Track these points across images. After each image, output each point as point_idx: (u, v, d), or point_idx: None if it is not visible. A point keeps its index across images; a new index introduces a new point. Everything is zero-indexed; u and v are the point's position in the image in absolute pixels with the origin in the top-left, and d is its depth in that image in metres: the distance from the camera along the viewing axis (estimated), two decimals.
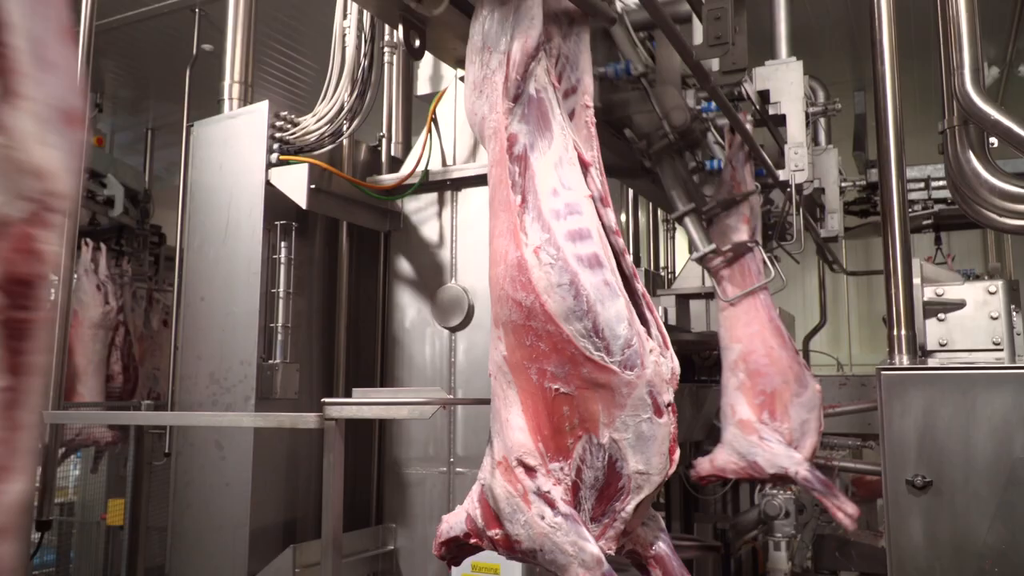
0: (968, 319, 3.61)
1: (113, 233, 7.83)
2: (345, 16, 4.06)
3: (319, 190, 3.80)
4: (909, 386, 2.63)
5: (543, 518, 1.82)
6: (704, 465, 3.85)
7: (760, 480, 3.79)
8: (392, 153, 4.47)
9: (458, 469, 3.88)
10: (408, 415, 2.98)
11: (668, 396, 1.89)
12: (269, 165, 3.76)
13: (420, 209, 4.17)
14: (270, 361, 3.75)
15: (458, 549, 2.07)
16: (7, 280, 0.93)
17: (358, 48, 3.99)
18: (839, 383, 5.69)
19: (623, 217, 8.47)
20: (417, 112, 4.58)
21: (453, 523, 2.04)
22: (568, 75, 2.18)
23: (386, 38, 4.39)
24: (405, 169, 4.04)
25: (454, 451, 3.90)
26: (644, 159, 3.71)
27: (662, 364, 1.89)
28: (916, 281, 3.37)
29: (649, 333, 1.93)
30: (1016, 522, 2.42)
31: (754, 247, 3.84)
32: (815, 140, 6.21)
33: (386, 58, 4.43)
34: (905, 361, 2.89)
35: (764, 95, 4.82)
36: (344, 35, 4.03)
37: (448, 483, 3.89)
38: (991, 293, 3.59)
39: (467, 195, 4.02)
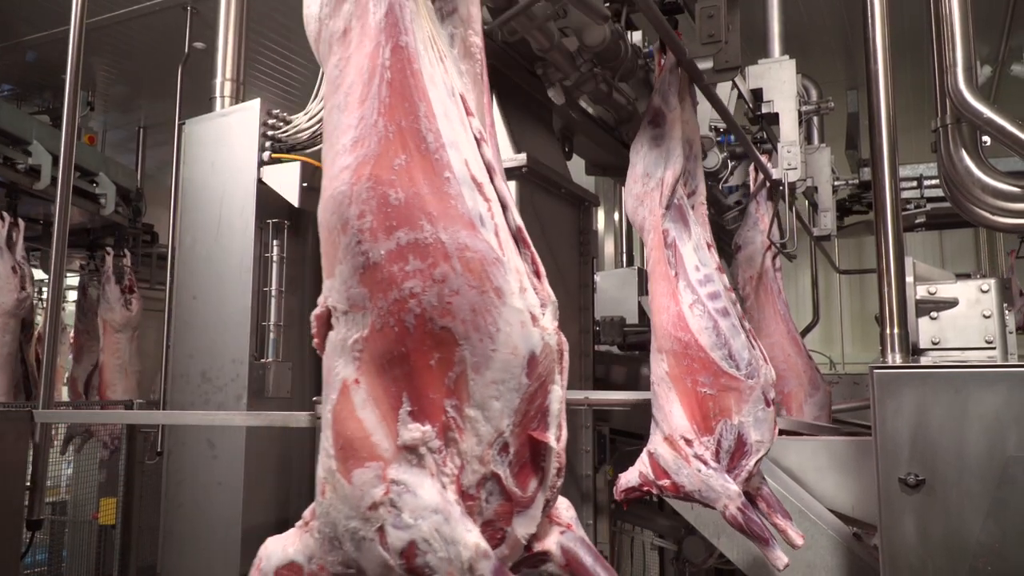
0: (961, 317, 3.61)
1: (108, 232, 7.83)
2: None
3: (311, 188, 3.79)
4: (902, 384, 2.63)
5: (700, 471, 2.76)
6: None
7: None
8: None
9: None
10: None
11: (772, 394, 2.84)
12: (261, 163, 3.75)
13: None
14: (262, 360, 3.74)
15: (633, 494, 3.00)
16: None
17: None
18: (832, 382, 5.69)
19: (616, 216, 8.48)
20: None
21: (629, 478, 2.95)
22: (690, 183, 3.07)
23: None
24: None
25: None
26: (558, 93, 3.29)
27: (768, 374, 2.85)
28: (909, 279, 3.37)
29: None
30: (1009, 520, 2.42)
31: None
32: (808, 139, 6.21)
33: None
34: (898, 359, 2.89)
35: (757, 93, 4.83)
36: None
37: None
38: (984, 291, 3.60)
39: None
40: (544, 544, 1.66)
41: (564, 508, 1.74)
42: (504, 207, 1.65)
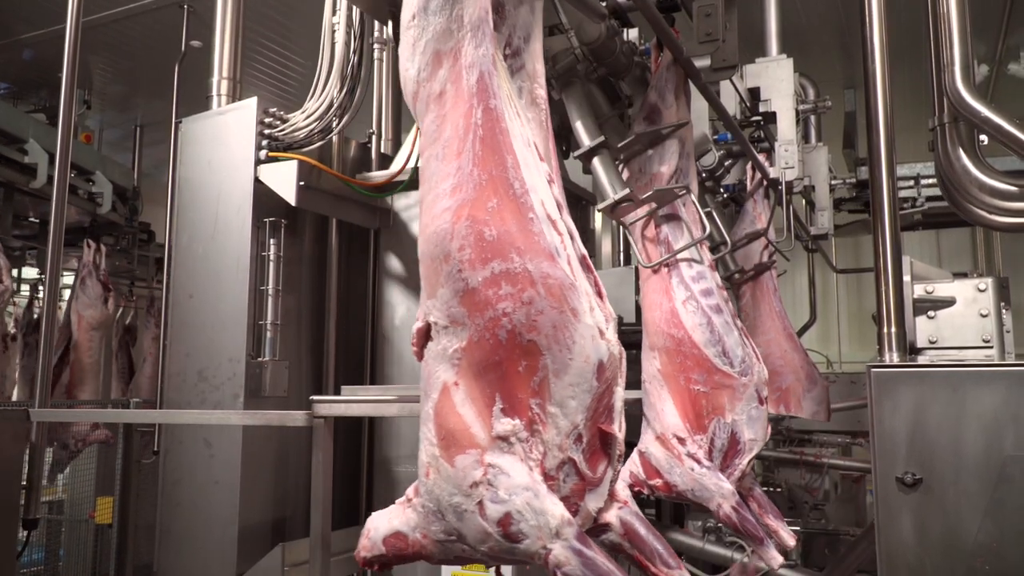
0: (958, 316, 3.61)
1: (104, 231, 7.81)
2: (334, 12, 4.04)
3: (308, 187, 3.78)
4: (899, 383, 2.62)
5: (693, 470, 2.75)
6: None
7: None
8: (382, 150, 4.46)
9: None
10: (398, 413, 2.97)
11: (765, 392, 2.87)
12: (258, 162, 3.74)
13: (410, 206, 4.16)
14: (259, 359, 3.73)
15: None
16: None
17: (347, 44, 3.97)
18: (829, 381, 5.69)
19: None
20: (407, 109, 4.55)
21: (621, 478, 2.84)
22: (682, 179, 3.04)
23: (375, 34, 4.37)
24: (395, 166, 4.03)
25: None
26: (551, 89, 2.98)
27: (760, 372, 2.87)
28: (906, 279, 3.36)
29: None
30: (1007, 519, 2.42)
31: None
32: (805, 138, 6.21)
33: (375, 54, 4.42)
34: (895, 358, 2.89)
35: (754, 92, 4.83)
36: (333, 31, 4.01)
37: None
38: (981, 290, 3.60)
39: None
40: (606, 517, 1.99)
41: (621, 488, 2.06)
42: (572, 237, 1.98)
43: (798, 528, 5.20)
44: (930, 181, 7.30)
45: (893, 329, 2.91)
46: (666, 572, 1.99)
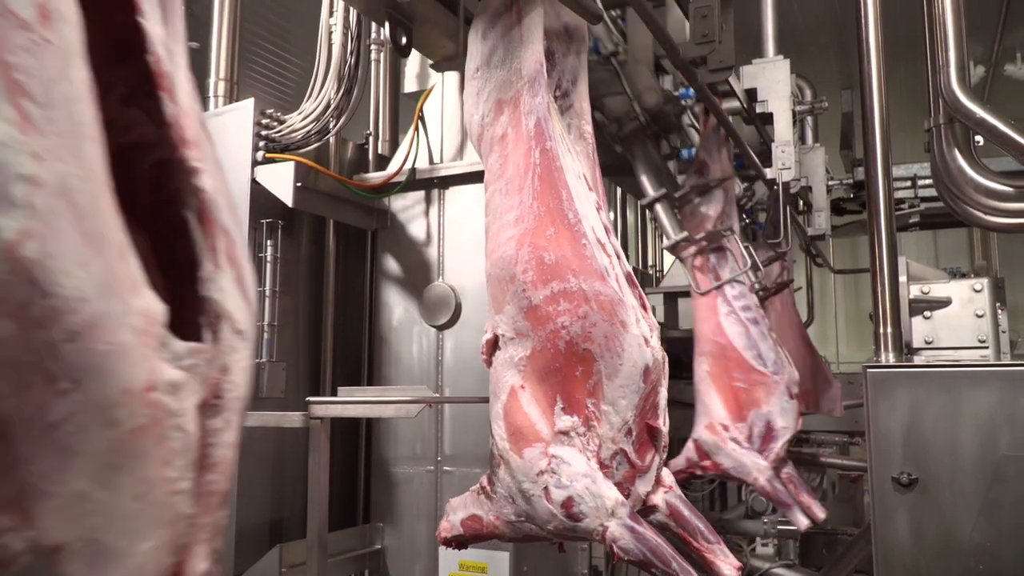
0: (954, 317, 3.62)
1: None
2: (331, 13, 4.04)
3: (305, 188, 3.78)
4: (895, 384, 2.63)
5: (735, 451, 3.45)
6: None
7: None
8: (379, 151, 4.46)
9: (445, 468, 3.87)
10: (394, 414, 2.97)
11: (795, 389, 3.53)
12: (255, 163, 3.74)
13: (407, 207, 4.16)
14: (256, 360, 3.73)
15: (682, 476, 3.52)
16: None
17: (344, 46, 3.97)
18: None
19: (612, 216, 8.47)
20: (404, 110, 4.57)
21: (677, 463, 3.58)
22: (726, 220, 3.83)
23: (373, 36, 4.37)
24: (392, 167, 4.03)
25: (441, 450, 3.89)
26: (615, 143, 3.68)
27: (791, 372, 3.53)
28: (902, 279, 3.38)
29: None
30: (1001, 519, 2.43)
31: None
32: (802, 138, 6.21)
33: (373, 56, 4.41)
34: (891, 359, 2.89)
35: (751, 93, 4.83)
36: (331, 32, 4.01)
37: (436, 481, 3.89)
38: (976, 291, 3.61)
39: (454, 193, 4.01)
40: (654, 499, 2.28)
41: (666, 475, 2.35)
42: (618, 257, 2.28)
43: (795, 528, 5.19)
44: (926, 182, 7.30)
45: (889, 329, 2.92)
46: (706, 546, 2.23)
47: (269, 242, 3.81)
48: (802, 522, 3.46)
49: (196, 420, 0.82)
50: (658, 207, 3.65)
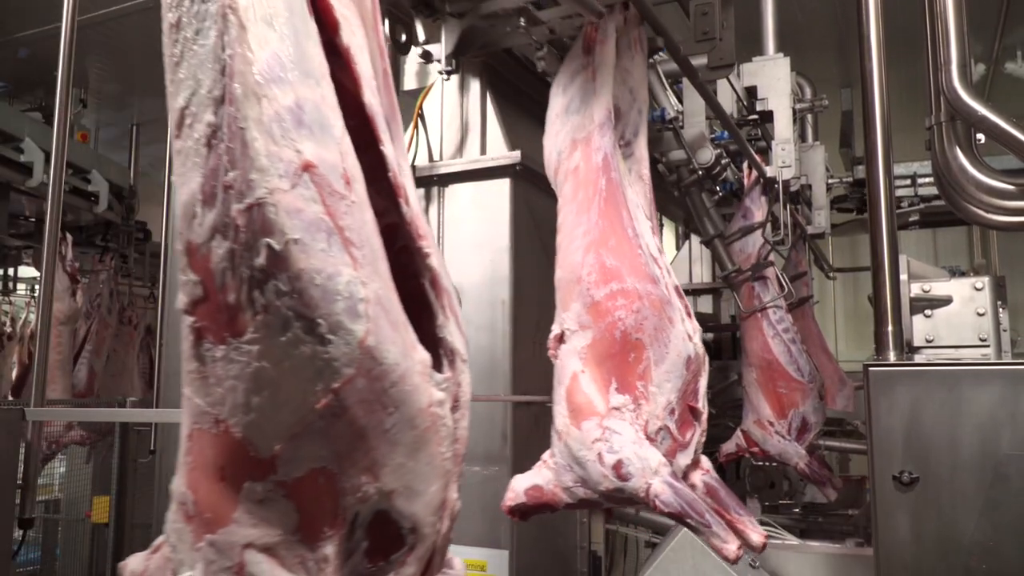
0: (955, 315, 3.62)
1: (99, 230, 7.79)
2: None
3: None
4: (896, 382, 2.63)
5: (780, 442, 4.54)
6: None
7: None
8: None
9: None
10: None
11: (823, 392, 4.47)
12: None
13: None
14: None
15: (731, 458, 4.93)
16: None
17: None
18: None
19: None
20: (403, 108, 4.55)
21: (728, 448, 4.83)
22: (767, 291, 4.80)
23: None
24: None
25: None
26: (674, 190, 4.72)
27: (820, 379, 4.47)
28: (903, 277, 3.37)
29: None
30: (1003, 518, 2.43)
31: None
32: (802, 136, 6.21)
33: None
34: (892, 357, 2.89)
35: (751, 91, 4.83)
36: None
37: None
38: (977, 289, 3.60)
39: (454, 191, 3.99)
40: (692, 479, 2.61)
41: (704, 460, 2.70)
42: (668, 273, 2.73)
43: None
44: (927, 180, 7.30)
45: (890, 328, 2.92)
46: (738, 518, 2.52)
47: None
48: (832, 494, 4.72)
49: (451, 417, 1.33)
50: (716, 243, 4.73)
